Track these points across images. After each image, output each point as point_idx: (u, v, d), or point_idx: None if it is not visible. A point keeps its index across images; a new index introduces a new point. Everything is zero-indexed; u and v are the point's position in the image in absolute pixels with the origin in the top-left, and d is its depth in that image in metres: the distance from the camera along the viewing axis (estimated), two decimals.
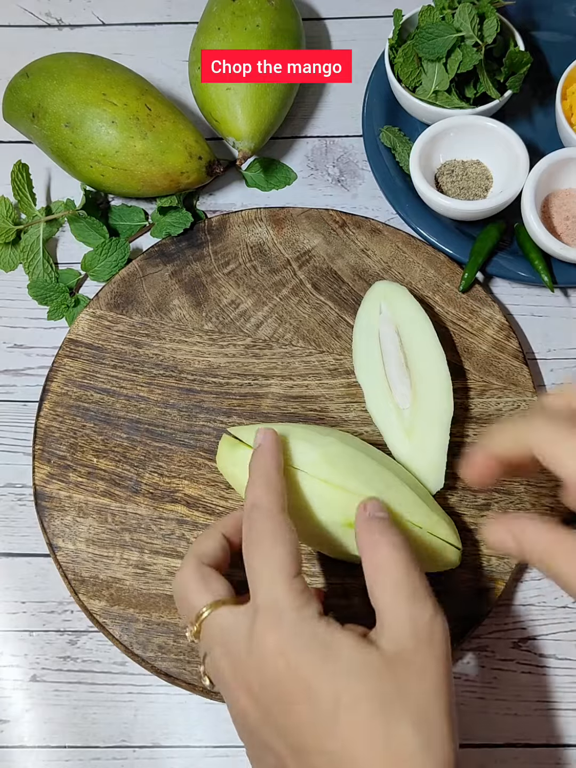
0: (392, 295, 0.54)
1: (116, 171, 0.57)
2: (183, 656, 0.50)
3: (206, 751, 0.51)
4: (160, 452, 0.54)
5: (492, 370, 0.55)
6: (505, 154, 0.57)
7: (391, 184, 0.60)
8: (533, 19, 0.65)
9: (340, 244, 0.59)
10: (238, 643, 0.37)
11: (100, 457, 0.54)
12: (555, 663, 0.51)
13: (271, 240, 0.59)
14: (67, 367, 0.56)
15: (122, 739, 0.51)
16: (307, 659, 0.35)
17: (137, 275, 0.59)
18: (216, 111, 0.59)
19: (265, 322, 0.57)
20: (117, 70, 0.59)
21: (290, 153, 0.65)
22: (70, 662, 0.52)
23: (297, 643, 0.35)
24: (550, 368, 0.58)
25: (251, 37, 0.59)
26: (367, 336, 0.54)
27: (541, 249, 0.56)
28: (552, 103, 0.60)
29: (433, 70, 0.57)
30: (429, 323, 0.53)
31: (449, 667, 0.36)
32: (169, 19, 0.69)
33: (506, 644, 0.52)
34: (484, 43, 0.56)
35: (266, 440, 0.43)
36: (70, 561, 0.52)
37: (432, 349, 0.53)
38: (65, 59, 0.58)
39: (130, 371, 0.56)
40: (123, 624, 0.51)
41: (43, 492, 0.53)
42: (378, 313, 0.54)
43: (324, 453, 0.45)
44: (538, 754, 0.50)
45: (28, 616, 0.53)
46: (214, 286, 0.58)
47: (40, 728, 0.52)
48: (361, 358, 0.54)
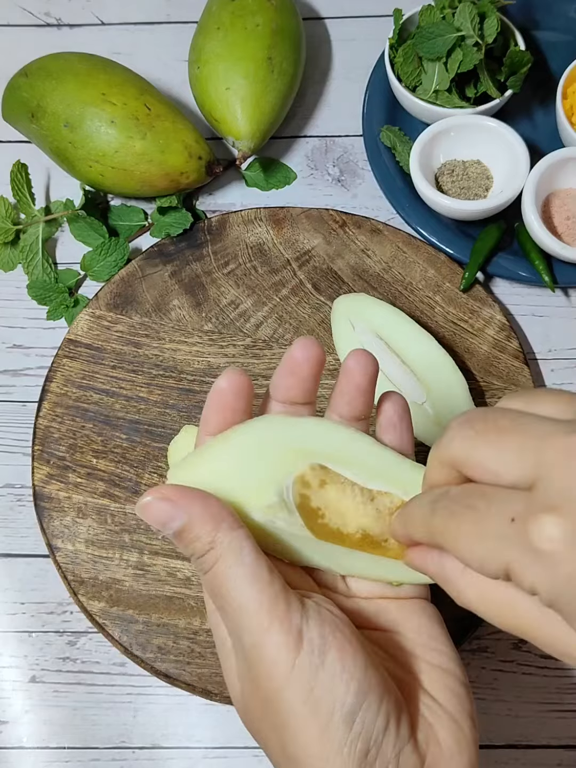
0: (355, 306, 0.55)
1: (115, 171, 0.57)
2: (182, 657, 0.50)
3: (206, 752, 0.51)
4: (160, 453, 0.54)
5: (492, 371, 0.55)
6: (505, 154, 0.57)
7: (391, 184, 0.60)
8: (534, 19, 0.64)
9: (340, 244, 0.59)
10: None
11: (99, 458, 0.54)
12: (555, 664, 0.51)
13: (270, 240, 0.59)
14: (66, 367, 0.56)
15: (122, 740, 0.51)
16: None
17: (137, 275, 0.59)
18: (216, 110, 0.59)
19: (264, 322, 0.57)
20: (116, 69, 0.58)
21: (290, 153, 0.65)
22: (70, 663, 0.52)
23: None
24: (550, 368, 0.58)
25: (251, 36, 0.59)
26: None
27: (541, 249, 0.56)
28: (552, 103, 0.60)
29: (434, 70, 0.57)
30: (401, 313, 0.54)
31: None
32: (168, 19, 0.69)
33: (506, 645, 0.52)
34: (485, 42, 0.56)
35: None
36: (69, 562, 0.52)
37: (418, 335, 0.53)
38: (64, 59, 0.58)
39: (129, 372, 0.56)
40: (122, 625, 0.50)
41: (42, 493, 0.53)
42: (351, 329, 0.54)
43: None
44: (539, 755, 0.50)
45: (28, 617, 0.53)
46: (214, 287, 0.58)
47: (40, 729, 0.51)
48: None
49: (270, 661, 0.30)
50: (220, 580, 0.31)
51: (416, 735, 0.31)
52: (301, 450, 0.34)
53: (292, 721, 0.30)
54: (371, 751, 0.29)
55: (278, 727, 0.30)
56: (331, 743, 0.29)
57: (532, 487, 0.24)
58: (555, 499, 0.23)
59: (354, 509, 0.34)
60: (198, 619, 0.51)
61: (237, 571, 0.31)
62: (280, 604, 0.30)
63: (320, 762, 0.29)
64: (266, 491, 0.33)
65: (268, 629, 0.30)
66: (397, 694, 0.31)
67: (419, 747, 0.31)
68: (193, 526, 0.31)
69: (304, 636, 0.30)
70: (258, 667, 0.30)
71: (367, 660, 0.30)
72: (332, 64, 0.67)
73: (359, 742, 0.29)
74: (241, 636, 0.31)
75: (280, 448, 0.33)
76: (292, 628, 0.30)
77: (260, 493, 0.33)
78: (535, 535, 0.23)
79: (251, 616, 0.30)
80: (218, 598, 0.31)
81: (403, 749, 0.30)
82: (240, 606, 0.30)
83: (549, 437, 0.24)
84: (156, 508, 0.31)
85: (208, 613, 0.35)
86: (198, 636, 0.50)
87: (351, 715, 0.29)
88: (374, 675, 0.30)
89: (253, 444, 0.33)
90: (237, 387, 0.34)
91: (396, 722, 0.30)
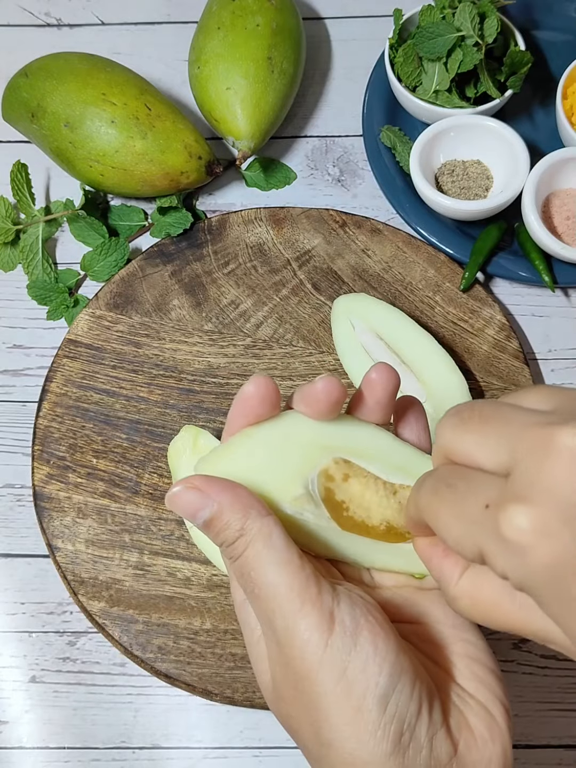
0: (355, 306, 0.55)
1: (115, 171, 0.57)
2: (183, 657, 0.50)
3: (206, 752, 0.51)
4: (160, 453, 0.54)
5: (493, 371, 0.55)
6: (505, 154, 0.57)
7: (391, 184, 0.60)
8: (534, 19, 0.65)
9: (340, 244, 0.59)
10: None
11: (99, 458, 0.54)
12: (556, 664, 0.51)
13: (271, 240, 0.59)
14: (66, 367, 0.56)
15: (122, 740, 0.51)
16: None
17: (137, 275, 0.59)
18: (216, 110, 0.59)
19: (265, 322, 0.57)
20: (116, 69, 0.58)
21: (290, 153, 0.65)
22: (70, 663, 0.52)
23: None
24: (550, 368, 0.58)
25: (251, 36, 0.59)
26: (353, 354, 0.54)
27: (541, 249, 0.56)
28: (552, 103, 0.60)
29: (434, 70, 0.57)
30: (401, 313, 0.54)
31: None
32: (168, 19, 0.69)
33: (507, 645, 0.52)
34: (485, 42, 0.56)
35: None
36: (69, 562, 0.52)
37: (418, 335, 0.53)
38: (64, 59, 0.58)
39: (129, 371, 0.56)
40: (122, 625, 0.50)
41: (42, 493, 0.53)
42: (352, 329, 0.54)
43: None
44: (539, 754, 0.50)
45: (28, 617, 0.53)
46: (214, 286, 0.58)
47: (40, 729, 0.51)
48: (358, 378, 0.54)
49: (302, 642, 0.30)
50: (251, 565, 0.31)
51: (449, 721, 0.31)
52: (324, 444, 0.34)
53: (324, 702, 0.30)
54: (405, 735, 0.29)
55: (311, 710, 0.30)
56: (365, 725, 0.29)
57: (508, 475, 0.25)
58: (526, 489, 0.24)
59: (377, 502, 0.35)
60: (198, 619, 0.51)
61: (268, 556, 0.31)
62: (311, 587, 0.31)
63: (354, 744, 0.29)
64: (293, 484, 0.33)
65: (300, 610, 0.30)
66: (428, 680, 0.31)
67: (452, 733, 0.31)
68: (223, 514, 0.31)
69: (335, 618, 0.30)
70: (290, 649, 0.30)
71: (399, 644, 0.31)
72: (332, 64, 0.67)
73: (393, 724, 0.29)
74: (273, 620, 0.31)
75: (303, 443, 0.34)
76: (324, 610, 0.30)
77: (287, 485, 0.33)
78: (505, 524, 0.24)
79: (283, 598, 0.30)
80: (249, 583, 0.32)
81: (436, 734, 0.30)
82: (271, 589, 0.31)
83: (526, 427, 0.25)
84: (185, 499, 0.32)
85: (236, 605, 0.35)
86: (198, 636, 0.50)
87: (385, 696, 0.29)
88: (406, 659, 0.30)
89: (278, 438, 0.34)
90: (263, 393, 0.34)
91: (429, 707, 0.30)
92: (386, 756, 0.29)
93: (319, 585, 0.31)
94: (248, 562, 0.31)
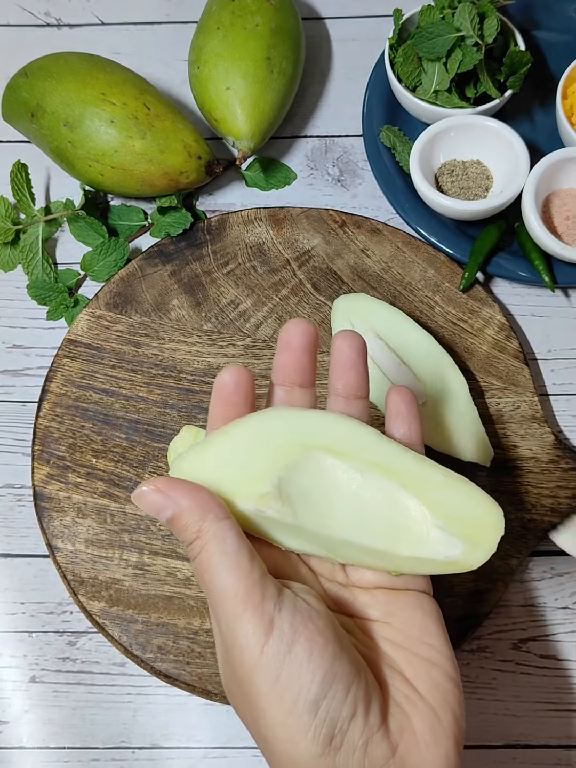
0: (355, 306, 0.55)
1: (115, 170, 0.57)
2: (182, 657, 0.50)
3: (205, 752, 0.51)
4: (160, 452, 0.54)
5: (492, 371, 0.55)
6: (505, 154, 0.57)
7: (391, 184, 0.60)
8: (533, 19, 0.64)
9: (339, 244, 0.59)
10: None
11: (99, 458, 0.54)
12: (555, 664, 0.51)
13: (270, 240, 0.59)
14: (66, 367, 0.56)
15: (121, 740, 0.51)
16: None
17: (136, 275, 0.59)
18: (215, 110, 0.59)
19: (264, 322, 0.57)
20: (116, 69, 0.58)
21: (290, 153, 0.65)
22: (70, 663, 0.52)
23: None
24: (550, 368, 0.58)
25: (250, 36, 0.59)
26: None
27: (541, 249, 0.56)
28: (552, 103, 0.60)
29: (433, 70, 0.57)
30: (401, 313, 0.54)
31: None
32: (168, 19, 0.69)
33: (506, 645, 0.52)
34: (485, 42, 0.56)
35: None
36: (69, 562, 0.52)
37: (417, 335, 0.53)
38: (64, 59, 0.58)
39: (129, 371, 0.56)
40: (122, 625, 0.50)
41: (42, 492, 0.53)
42: (352, 329, 0.54)
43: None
44: (537, 754, 0.50)
45: (28, 617, 0.53)
46: (214, 286, 0.58)
47: (40, 729, 0.51)
48: None
49: (241, 646, 0.31)
50: (204, 566, 0.33)
51: (388, 724, 0.32)
52: (300, 442, 0.35)
53: (261, 703, 0.31)
54: (336, 738, 0.31)
55: (251, 709, 0.32)
56: (296, 727, 0.31)
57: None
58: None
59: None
60: (198, 619, 0.51)
61: (219, 560, 0.32)
62: (255, 593, 0.32)
63: (286, 744, 0.31)
64: (260, 482, 0.34)
65: (240, 616, 0.32)
66: (369, 684, 0.32)
67: (391, 736, 0.32)
68: (182, 516, 0.33)
69: (275, 625, 0.31)
70: (232, 651, 0.32)
71: (338, 651, 0.32)
72: (332, 64, 0.67)
73: (324, 728, 0.31)
74: (219, 621, 0.33)
75: (279, 441, 0.35)
76: (264, 617, 0.31)
77: (253, 483, 0.34)
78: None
79: (227, 602, 0.32)
80: (203, 583, 0.33)
81: (372, 737, 0.31)
82: (219, 592, 0.32)
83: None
84: (149, 498, 0.34)
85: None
86: (198, 636, 0.50)
87: (315, 702, 0.31)
88: (342, 666, 0.32)
89: (252, 436, 0.35)
90: (237, 379, 0.36)
91: (365, 711, 0.31)
92: (315, 757, 0.31)
93: (263, 591, 0.32)
94: (202, 564, 0.33)
